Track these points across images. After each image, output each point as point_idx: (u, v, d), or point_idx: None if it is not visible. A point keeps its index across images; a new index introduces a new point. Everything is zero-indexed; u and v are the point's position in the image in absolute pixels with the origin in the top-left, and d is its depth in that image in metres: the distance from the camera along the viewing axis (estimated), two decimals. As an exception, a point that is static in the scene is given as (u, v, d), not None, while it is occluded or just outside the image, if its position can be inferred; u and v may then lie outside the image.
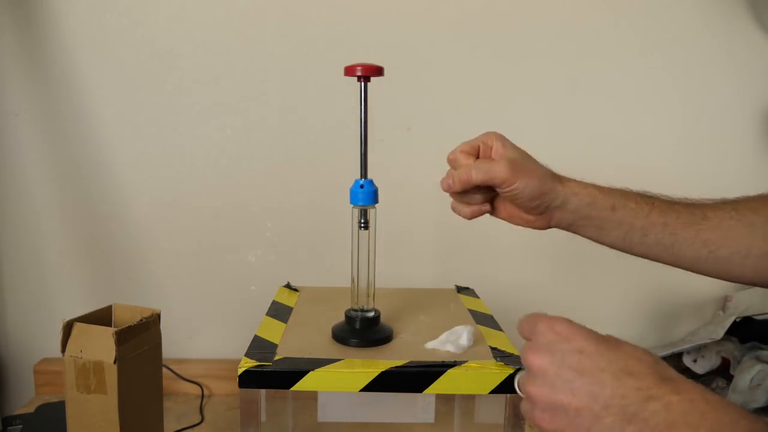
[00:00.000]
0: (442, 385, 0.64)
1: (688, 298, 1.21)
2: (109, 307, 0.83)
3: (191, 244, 1.15)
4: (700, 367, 1.08)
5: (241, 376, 0.63)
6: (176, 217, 1.14)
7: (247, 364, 0.63)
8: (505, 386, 0.64)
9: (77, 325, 0.75)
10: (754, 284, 0.62)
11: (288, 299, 0.86)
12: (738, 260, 0.61)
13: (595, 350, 0.43)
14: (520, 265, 1.17)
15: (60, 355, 0.75)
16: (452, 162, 0.68)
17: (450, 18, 1.11)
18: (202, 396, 1.11)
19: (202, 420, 1.04)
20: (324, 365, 0.64)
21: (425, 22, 1.10)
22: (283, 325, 0.76)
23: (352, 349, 0.69)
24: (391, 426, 0.97)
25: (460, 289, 0.92)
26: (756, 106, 1.16)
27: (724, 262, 0.61)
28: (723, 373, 1.08)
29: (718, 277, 0.63)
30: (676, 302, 1.21)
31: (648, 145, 1.16)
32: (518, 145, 0.68)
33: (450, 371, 0.64)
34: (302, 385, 0.63)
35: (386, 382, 0.63)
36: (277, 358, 0.65)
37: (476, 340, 0.70)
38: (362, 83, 0.69)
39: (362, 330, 0.71)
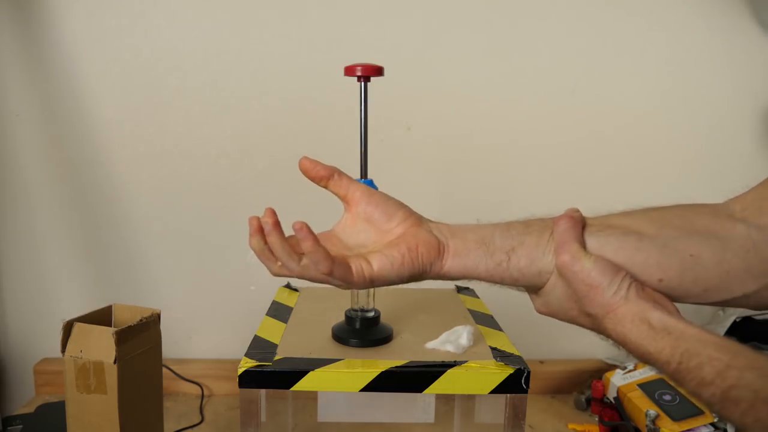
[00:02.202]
0: (442, 385, 0.64)
1: (688, 298, 1.21)
2: (109, 307, 0.83)
3: (191, 244, 1.15)
4: (700, 367, 1.08)
5: (241, 376, 0.63)
6: (176, 217, 1.14)
7: (247, 364, 0.63)
8: (505, 386, 0.64)
9: (77, 325, 0.75)
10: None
11: (288, 299, 0.86)
12: None
13: None
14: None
15: (60, 355, 0.75)
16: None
17: (450, 18, 1.11)
18: (202, 396, 1.11)
19: (202, 420, 1.04)
20: (324, 365, 0.64)
21: (425, 22, 1.10)
22: (283, 325, 0.76)
23: (352, 349, 0.69)
24: (391, 426, 0.97)
25: (460, 289, 0.92)
26: (756, 105, 1.16)
27: None
28: (723, 373, 1.08)
29: None
30: (675, 302, 1.21)
31: (648, 145, 1.16)
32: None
33: (450, 371, 0.64)
34: (302, 385, 0.63)
35: (386, 382, 0.63)
36: (277, 358, 0.65)
37: (476, 340, 0.70)
38: (362, 83, 0.69)
39: (362, 330, 0.71)
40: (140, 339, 0.77)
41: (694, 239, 0.52)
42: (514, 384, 0.64)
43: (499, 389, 0.64)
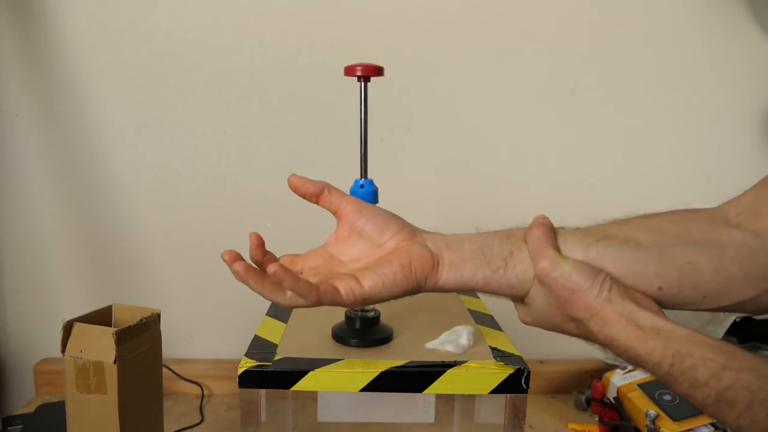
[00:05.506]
0: (442, 385, 0.64)
1: (688, 298, 1.21)
2: (109, 307, 0.83)
3: (191, 244, 1.14)
4: (700, 367, 1.08)
5: (241, 376, 0.63)
6: (176, 217, 1.14)
7: (247, 364, 0.63)
8: (505, 386, 0.64)
9: (77, 325, 0.75)
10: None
11: (288, 299, 0.86)
12: None
13: None
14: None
15: (60, 355, 0.75)
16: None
17: (450, 18, 1.11)
18: (202, 396, 1.11)
19: (202, 420, 1.04)
20: (324, 365, 0.64)
21: (425, 23, 1.10)
22: (283, 325, 0.76)
23: (352, 349, 0.69)
24: (391, 426, 0.97)
25: (460, 289, 0.92)
26: (755, 106, 1.16)
27: None
28: (723, 373, 1.08)
29: None
30: (675, 309, 1.21)
31: (648, 145, 1.16)
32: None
33: (450, 371, 0.64)
34: (302, 385, 0.63)
35: (386, 382, 0.63)
36: (277, 358, 0.65)
37: (476, 340, 0.70)
38: (362, 83, 0.69)
39: (362, 330, 0.71)
40: (140, 339, 0.77)
41: (690, 247, 0.52)
42: (514, 384, 0.64)
43: (499, 389, 0.64)
